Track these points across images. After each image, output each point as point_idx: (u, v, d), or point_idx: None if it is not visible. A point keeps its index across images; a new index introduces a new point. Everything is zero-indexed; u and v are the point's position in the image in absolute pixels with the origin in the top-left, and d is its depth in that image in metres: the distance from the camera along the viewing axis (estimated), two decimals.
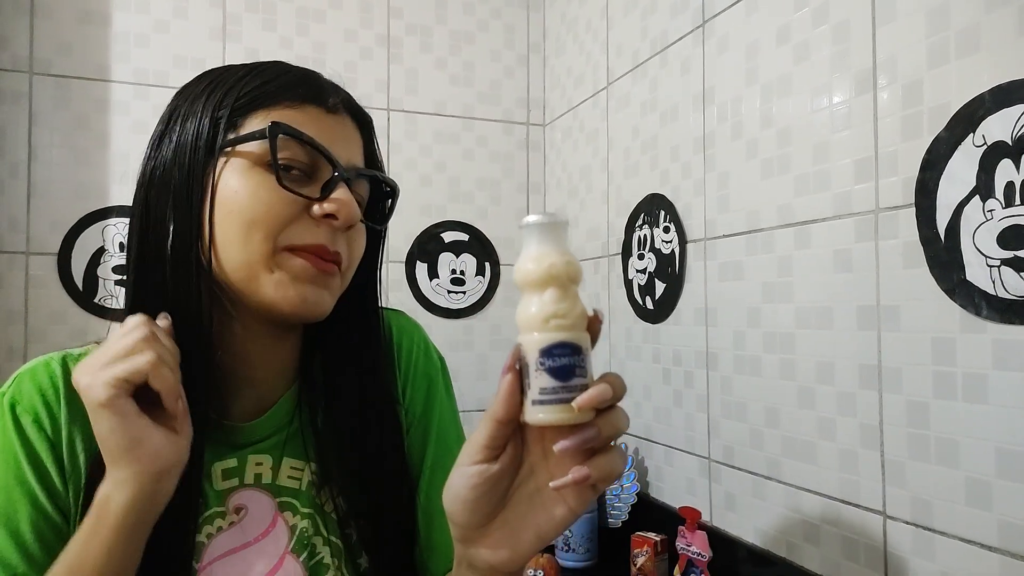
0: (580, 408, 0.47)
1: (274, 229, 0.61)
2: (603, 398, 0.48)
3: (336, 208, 0.62)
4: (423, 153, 1.90)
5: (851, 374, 0.98)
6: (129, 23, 1.64)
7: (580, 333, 0.49)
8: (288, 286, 0.62)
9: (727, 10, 1.25)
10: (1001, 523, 0.79)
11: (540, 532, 0.52)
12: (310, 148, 0.63)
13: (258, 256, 0.61)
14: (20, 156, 1.55)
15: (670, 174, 1.42)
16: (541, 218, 0.49)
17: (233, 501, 0.67)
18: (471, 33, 1.96)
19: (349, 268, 0.68)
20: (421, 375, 0.78)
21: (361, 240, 0.69)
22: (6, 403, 0.63)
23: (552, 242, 0.50)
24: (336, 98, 0.67)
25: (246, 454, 0.68)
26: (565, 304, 0.48)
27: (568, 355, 0.48)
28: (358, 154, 0.69)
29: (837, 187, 1.01)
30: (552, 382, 0.48)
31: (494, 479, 0.51)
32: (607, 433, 0.49)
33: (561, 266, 0.48)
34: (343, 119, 0.68)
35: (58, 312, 1.56)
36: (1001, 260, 0.79)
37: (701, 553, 1.19)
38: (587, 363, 0.49)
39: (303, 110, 0.64)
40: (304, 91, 0.65)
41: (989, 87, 0.80)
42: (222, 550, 0.65)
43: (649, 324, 1.48)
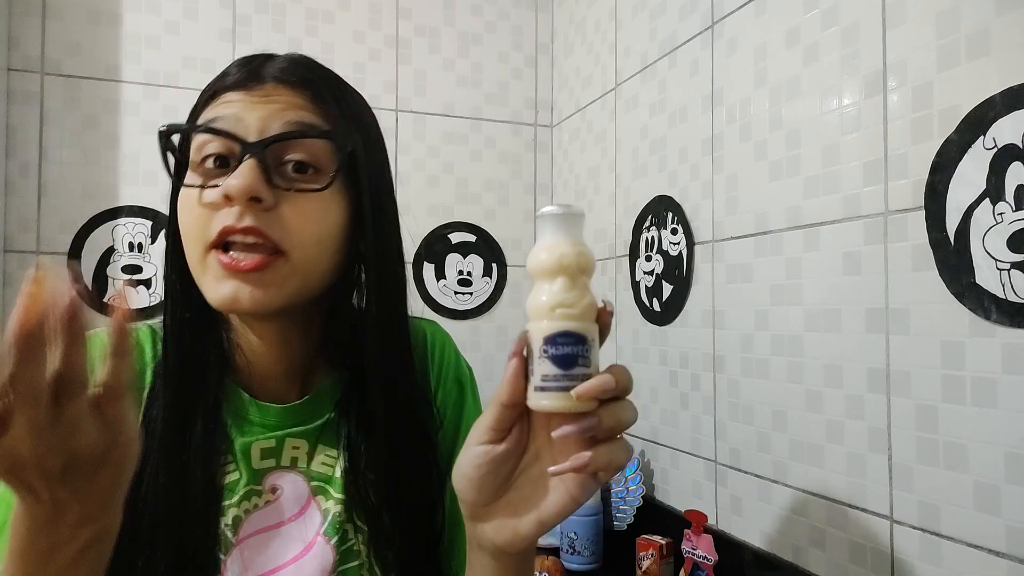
0: (579, 397, 0.48)
1: (197, 231, 0.61)
2: (604, 389, 0.48)
3: (226, 185, 0.58)
4: (431, 154, 1.90)
5: (859, 377, 0.98)
6: (139, 24, 1.65)
7: (587, 323, 0.49)
8: (214, 287, 0.61)
9: (736, 12, 1.25)
10: (1009, 528, 0.79)
11: (541, 516, 0.52)
12: (213, 134, 0.60)
13: (195, 262, 0.62)
14: (31, 156, 1.56)
15: (678, 176, 1.41)
16: (556, 209, 0.50)
17: (270, 481, 0.69)
18: (479, 34, 1.96)
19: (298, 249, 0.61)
20: (453, 380, 0.79)
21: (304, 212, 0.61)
22: None
23: (565, 233, 0.50)
24: (255, 72, 0.63)
25: (284, 436, 0.70)
26: (573, 294, 0.49)
27: (572, 344, 0.48)
28: (290, 118, 0.62)
29: (846, 189, 1.00)
30: (554, 369, 0.48)
31: (498, 460, 0.53)
32: (608, 424, 0.49)
33: (572, 256, 0.49)
34: (267, 89, 0.62)
35: None
36: (1011, 264, 0.78)
37: (707, 556, 1.19)
38: (591, 353, 0.49)
39: (219, 100, 0.63)
40: (227, 79, 0.64)
41: (999, 90, 0.80)
42: (257, 527, 0.67)
43: (656, 326, 1.48)
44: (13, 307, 0.41)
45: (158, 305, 1.62)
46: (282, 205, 0.60)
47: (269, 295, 0.61)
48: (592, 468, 0.49)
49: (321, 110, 0.64)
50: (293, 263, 0.61)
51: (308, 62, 0.67)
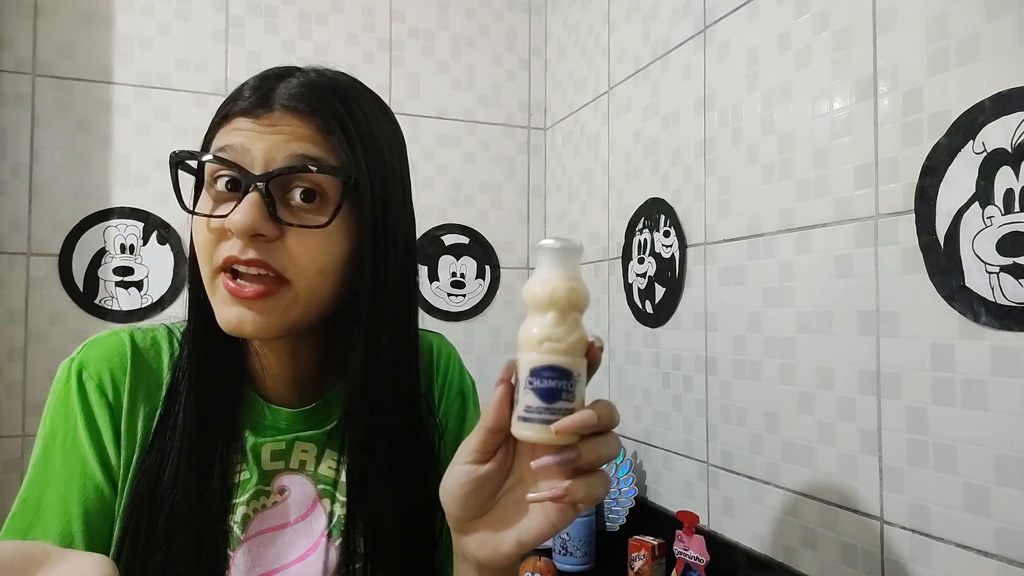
0: (558, 432, 0.49)
1: (206, 255, 0.62)
2: (583, 425, 0.49)
3: (229, 221, 0.59)
4: (424, 156, 1.90)
5: (850, 379, 0.98)
6: (132, 25, 1.64)
7: (573, 359, 0.50)
8: (220, 310, 0.62)
9: (728, 16, 1.25)
10: (999, 529, 0.80)
11: (520, 537, 0.54)
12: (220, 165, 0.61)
13: (206, 283, 0.63)
14: (22, 157, 1.55)
15: (671, 178, 1.42)
16: (553, 242, 0.51)
17: (278, 482, 0.71)
18: (473, 37, 1.96)
19: (302, 278, 0.62)
20: (456, 392, 0.82)
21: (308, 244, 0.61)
22: (74, 369, 0.68)
23: (561, 267, 0.51)
24: (266, 98, 0.62)
25: (294, 440, 0.72)
26: (561, 329, 0.50)
27: (556, 378, 0.49)
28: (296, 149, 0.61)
29: (837, 193, 1.01)
30: (537, 402, 0.49)
31: (481, 480, 0.54)
32: (588, 458, 0.50)
33: (563, 292, 0.50)
34: (275, 118, 0.61)
35: (59, 313, 1.56)
36: (1000, 267, 0.79)
37: (699, 557, 1.19)
38: (576, 388, 0.50)
39: (230, 125, 0.63)
40: (236, 103, 0.63)
41: (989, 94, 0.81)
42: (264, 526, 0.69)
43: (649, 328, 1.48)
44: (6, 309, 0.41)
45: (151, 307, 1.62)
46: (287, 236, 0.61)
47: (271, 322, 0.62)
48: (569, 499, 0.51)
49: (326, 140, 0.63)
50: (296, 291, 0.62)
51: (322, 84, 0.65)
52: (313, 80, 0.65)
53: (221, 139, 0.63)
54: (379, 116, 0.70)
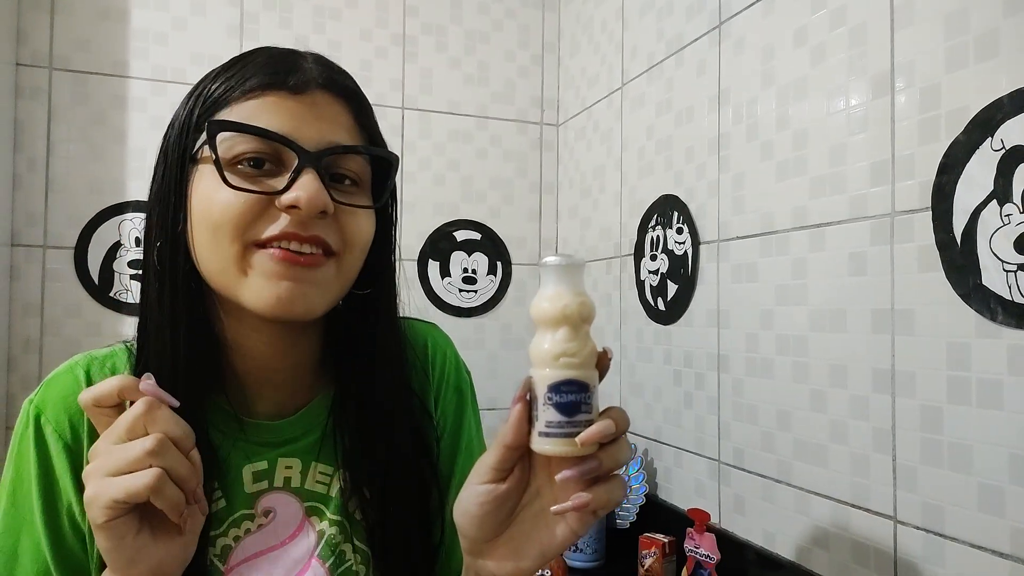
0: (583, 443, 0.50)
1: (238, 229, 0.59)
2: (606, 434, 0.50)
3: (296, 197, 0.58)
4: (437, 152, 1.90)
5: (864, 378, 0.98)
6: (147, 20, 1.65)
7: (588, 371, 0.52)
8: (262, 287, 0.59)
9: (743, 11, 1.25)
10: (1013, 530, 0.79)
11: (543, 549, 0.55)
12: (274, 140, 0.59)
13: (230, 259, 0.59)
14: (38, 151, 1.56)
15: (684, 175, 1.41)
16: (559, 260, 0.52)
17: (262, 504, 0.67)
18: (486, 33, 1.96)
19: (348, 253, 0.63)
20: (453, 389, 0.79)
21: (359, 222, 0.63)
22: (32, 413, 0.64)
23: (568, 283, 0.52)
24: (302, 77, 0.62)
25: (276, 456, 0.68)
26: (575, 343, 0.51)
27: (575, 392, 0.50)
28: (338, 131, 0.62)
29: (853, 190, 1.00)
30: (558, 416, 0.51)
31: (501, 498, 0.54)
32: (608, 465, 0.52)
33: (574, 307, 0.51)
34: (316, 97, 0.62)
35: (74, 305, 1.58)
36: (1018, 265, 0.78)
37: (709, 555, 1.19)
38: (593, 399, 0.52)
39: (264, 98, 0.60)
40: (265, 78, 0.61)
41: (1008, 91, 0.80)
42: (249, 552, 0.66)
43: (661, 325, 1.48)
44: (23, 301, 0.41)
45: None
46: (339, 215, 0.62)
47: (318, 296, 0.61)
48: (593, 507, 0.52)
49: (363, 124, 0.66)
50: (341, 266, 0.63)
51: (338, 69, 0.67)
52: (328, 62, 0.66)
53: (250, 112, 0.60)
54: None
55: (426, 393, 0.76)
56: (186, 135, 0.62)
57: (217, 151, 0.59)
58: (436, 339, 0.80)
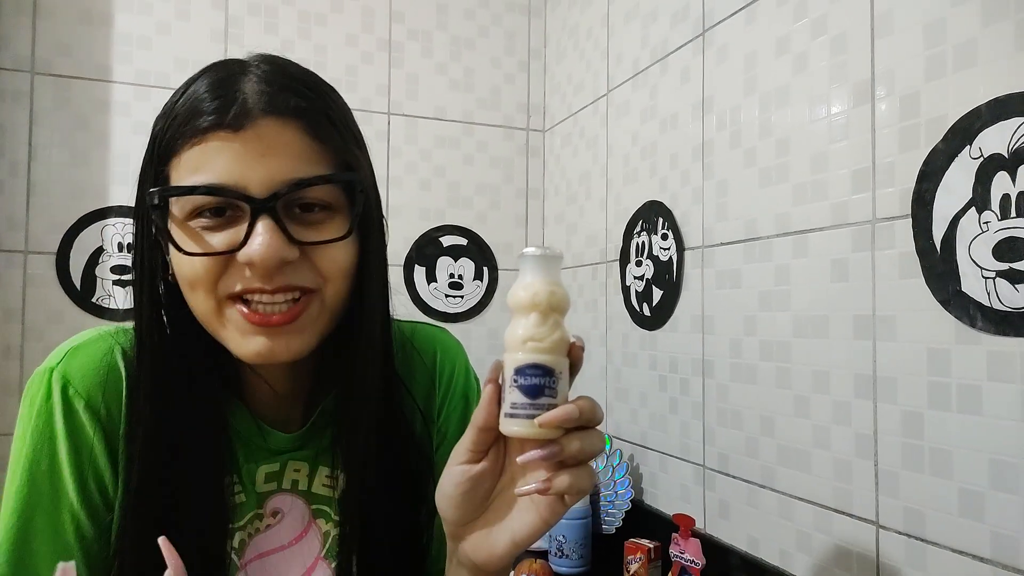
0: (542, 425, 0.51)
1: (208, 287, 0.58)
2: (565, 419, 0.51)
3: (250, 256, 0.55)
4: (423, 157, 1.90)
5: (846, 383, 0.98)
6: (131, 24, 1.64)
7: (555, 357, 0.53)
8: (240, 342, 0.59)
9: (727, 20, 1.26)
10: (994, 534, 0.80)
11: (514, 536, 0.55)
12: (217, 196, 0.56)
13: (209, 312, 0.59)
14: (20, 155, 1.55)
15: (669, 181, 1.42)
16: (535, 250, 0.54)
17: (271, 504, 0.68)
18: (472, 39, 1.96)
19: (329, 286, 0.60)
20: (460, 396, 0.78)
21: (333, 255, 0.60)
22: (56, 383, 0.62)
23: (542, 273, 0.54)
24: (242, 108, 0.56)
25: (286, 459, 0.69)
26: (543, 329, 0.53)
27: (539, 375, 0.52)
28: (290, 162, 0.57)
29: (835, 197, 1.01)
30: (522, 398, 0.52)
31: (475, 479, 0.55)
32: (570, 451, 0.52)
33: (544, 296, 0.53)
34: (260, 129, 0.56)
35: (56, 311, 1.56)
36: (996, 272, 0.79)
37: (694, 560, 1.19)
38: (559, 385, 0.53)
39: (207, 143, 0.56)
40: (207, 117, 0.56)
41: (986, 100, 0.81)
42: (258, 551, 0.67)
43: (646, 331, 1.48)
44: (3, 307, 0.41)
45: None
46: (307, 254, 0.59)
47: (303, 341, 0.60)
48: (555, 491, 0.52)
49: (320, 142, 0.59)
50: (324, 300, 0.61)
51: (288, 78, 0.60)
52: (274, 75, 0.60)
53: (193, 162, 0.56)
54: (339, 99, 0.65)
55: (431, 400, 0.76)
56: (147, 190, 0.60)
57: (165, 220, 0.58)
58: (446, 347, 0.79)
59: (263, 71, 0.60)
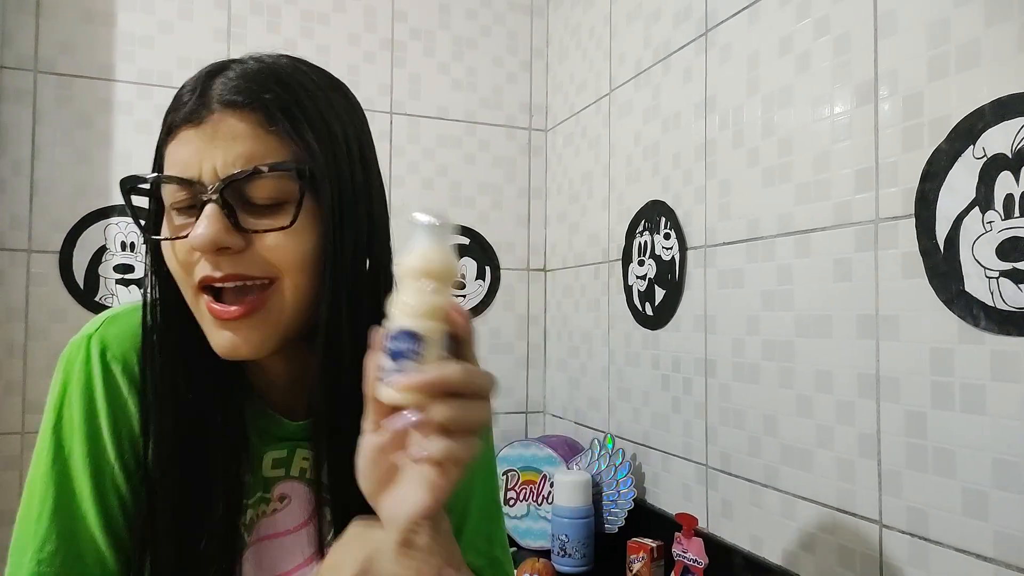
0: (394, 388, 0.50)
1: (183, 276, 0.60)
2: (422, 383, 0.49)
3: (191, 240, 0.57)
4: (425, 157, 1.90)
5: (849, 383, 0.99)
6: (133, 23, 1.65)
7: (424, 322, 0.51)
8: (211, 333, 0.61)
9: (730, 19, 1.26)
10: (997, 534, 0.80)
11: (407, 509, 0.52)
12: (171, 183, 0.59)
13: (191, 303, 0.62)
14: (23, 154, 1.55)
15: (671, 181, 1.42)
16: (429, 219, 0.54)
17: (278, 490, 0.70)
18: (474, 38, 1.96)
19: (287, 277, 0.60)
20: None
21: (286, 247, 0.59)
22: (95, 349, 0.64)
23: (420, 240, 0.54)
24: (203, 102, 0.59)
25: (295, 447, 0.70)
26: (421, 296, 0.52)
27: (405, 341, 0.51)
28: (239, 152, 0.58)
29: (837, 197, 1.01)
30: (388, 363, 0.51)
31: (375, 450, 0.53)
32: (436, 418, 0.49)
33: (412, 263, 0.52)
34: (215, 122, 0.58)
35: (59, 310, 1.56)
36: (1000, 272, 0.79)
37: (697, 560, 1.19)
38: (426, 351, 0.51)
39: (178, 136, 0.60)
40: (180, 112, 0.60)
41: (989, 100, 0.81)
42: (264, 533, 0.68)
43: (648, 330, 1.48)
44: (7, 306, 0.42)
45: None
46: (255, 243, 0.59)
47: (265, 337, 0.60)
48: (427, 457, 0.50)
49: (273, 134, 0.59)
50: (283, 292, 0.60)
51: (260, 72, 0.61)
52: (250, 69, 0.61)
53: (170, 155, 0.60)
54: (329, 94, 0.66)
55: None
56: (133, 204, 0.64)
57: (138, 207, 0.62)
58: None
59: (242, 67, 0.61)
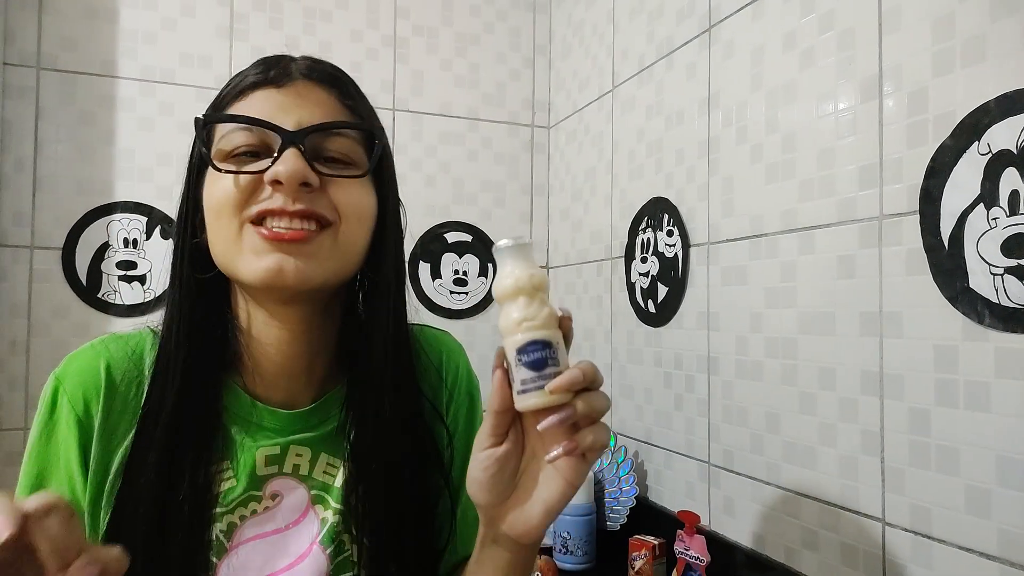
0: (552, 391, 0.55)
1: (234, 209, 0.63)
2: (573, 381, 0.55)
3: (276, 171, 0.62)
4: (428, 153, 1.90)
5: (853, 380, 0.98)
6: (136, 20, 1.64)
7: (550, 331, 0.57)
8: (252, 261, 0.63)
9: (733, 15, 1.25)
10: (1000, 532, 0.79)
11: (546, 504, 0.59)
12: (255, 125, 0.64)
13: (229, 239, 0.64)
14: (26, 151, 1.55)
15: (674, 178, 1.42)
16: (508, 242, 0.59)
17: (270, 487, 0.70)
18: (477, 35, 1.96)
19: (345, 224, 0.66)
20: (465, 394, 0.82)
21: (351, 193, 0.66)
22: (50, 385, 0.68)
23: (519, 260, 0.59)
24: (285, 71, 0.67)
25: (288, 443, 0.71)
26: (532, 308, 0.57)
27: (539, 349, 0.56)
28: (321, 114, 0.66)
29: (841, 193, 1.01)
30: (529, 373, 0.56)
31: (502, 460, 0.59)
32: (583, 410, 0.56)
33: (526, 279, 0.58)
34: (298, 87, 0.66)
35: (61, 306, 1.56)
36: (1005, 268, 0.79)
37: (699, 557, 1.19)
38: (559, 355, 0.57)
39: (253, 94, 0.66)
40: (254, 77, 0.66)
41: (994, 96, 0.81)
42: (254, 533, 0.68)
43: (651, 327, 1.48)
44: (10, 302, 0.41)
45: (154, 301, 1.62)
46: (327, 187, 0.65)
47: (311, 267, 0.63)
48: (580, 449, 0.56)
49: (349, 107, 0.69)
50: (337, 236, 0.65)
51: (328, 63, 0.71)
52: (315, 60, 0.70)
53: (241, 110, 0.65)
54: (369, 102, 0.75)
55: (439, 397, 0.79)
56: (197, 140, 0.67)
57: (207, 144, 0.65)
58: (451, 349, 0.84)
59: (306, 57, 0.70)
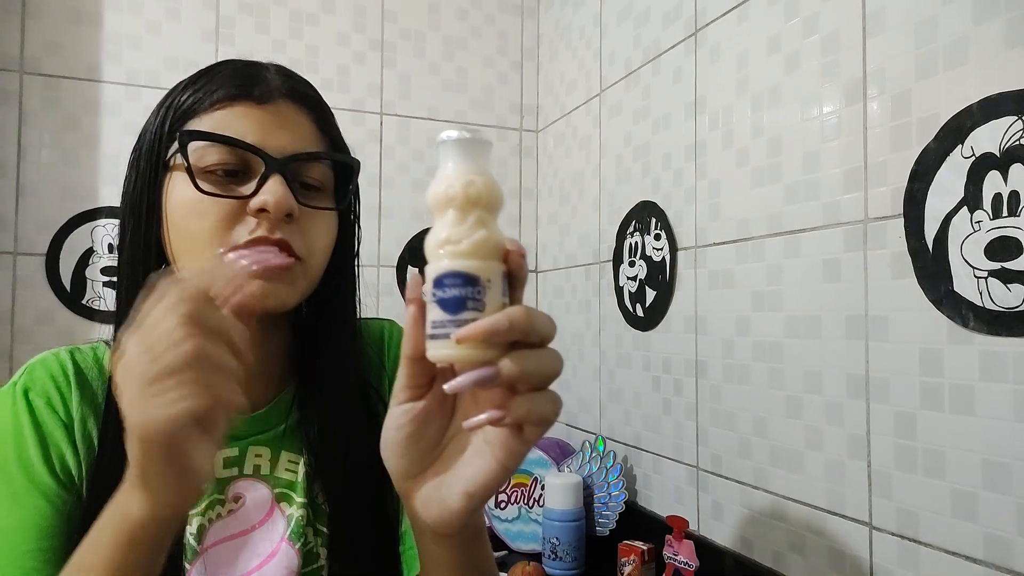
0: (459, 341, 0.41)
1: (214, 236, 0.62)
2: (490, 331, 0.42)
3: (264, 200, 0.61)
4: (415, 158, 1.89)
5: (839, 384, 0.98)
6: (121, 24, 1.63)
7: (479, 262, 0.43)
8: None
9: (719, 19, 1.25)
10: (987, 535, 0.79)
11: (467, 485, 0.47)
12: (243, 149, 0.62)
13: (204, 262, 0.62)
14: (9, 156, 1.53)
15: (661, 182, 1.42)
16: (452, 134, 0.44)
17: (232, 490, 0.70)
18: (464, 39, 1.96)
19: (311, 256, 0.66)
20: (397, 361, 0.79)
21: (320, 228, 0.67)
22: (19, 391, 0.66)
23: (461, 161, 0.44)
24: (266, 87, 0.65)
25: (247, 445, 0.71)
26: (462, 229, 0.43)
27: (459, 286, 0.42)
28: (302, 140, 0.66)
29: (827, 196, 1.01)
30: (442, 315, 0.42)
31: (419, 418, 0.48)
32: (512, 372, 0.42)
33: (459, 187, 0.43)
34: (280, 107, 0.66)
35: (45, 313, 1.55)
36: (988, 271, 0.79)
37: (688, 562, 1.19)
38: (486, 296, 0.43)
39: (232, 109, 0.64)
40: (232, 89, 0.65)
41: (977, 99, 0.81)
42: (221, 536, 0.68)
43: (639, 331, 1.48)
44: None
45: None
46: (302, 219, 0.65)
47: (289, 293, 0.64)
48: (511, 420, 0.44)
49: (325, 132, 0.70)
50: (306, 269, 0.66)
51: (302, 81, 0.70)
52: (289, 73, 0.70)
53: (220, 123, 0.63)
54: None
55: (382, 381, 0.79)
56: (159, 144, 0.65)
57: (189, 160, 0.62)
58: (392, 328, 0.84)
59: (279, 69, 0.69)
